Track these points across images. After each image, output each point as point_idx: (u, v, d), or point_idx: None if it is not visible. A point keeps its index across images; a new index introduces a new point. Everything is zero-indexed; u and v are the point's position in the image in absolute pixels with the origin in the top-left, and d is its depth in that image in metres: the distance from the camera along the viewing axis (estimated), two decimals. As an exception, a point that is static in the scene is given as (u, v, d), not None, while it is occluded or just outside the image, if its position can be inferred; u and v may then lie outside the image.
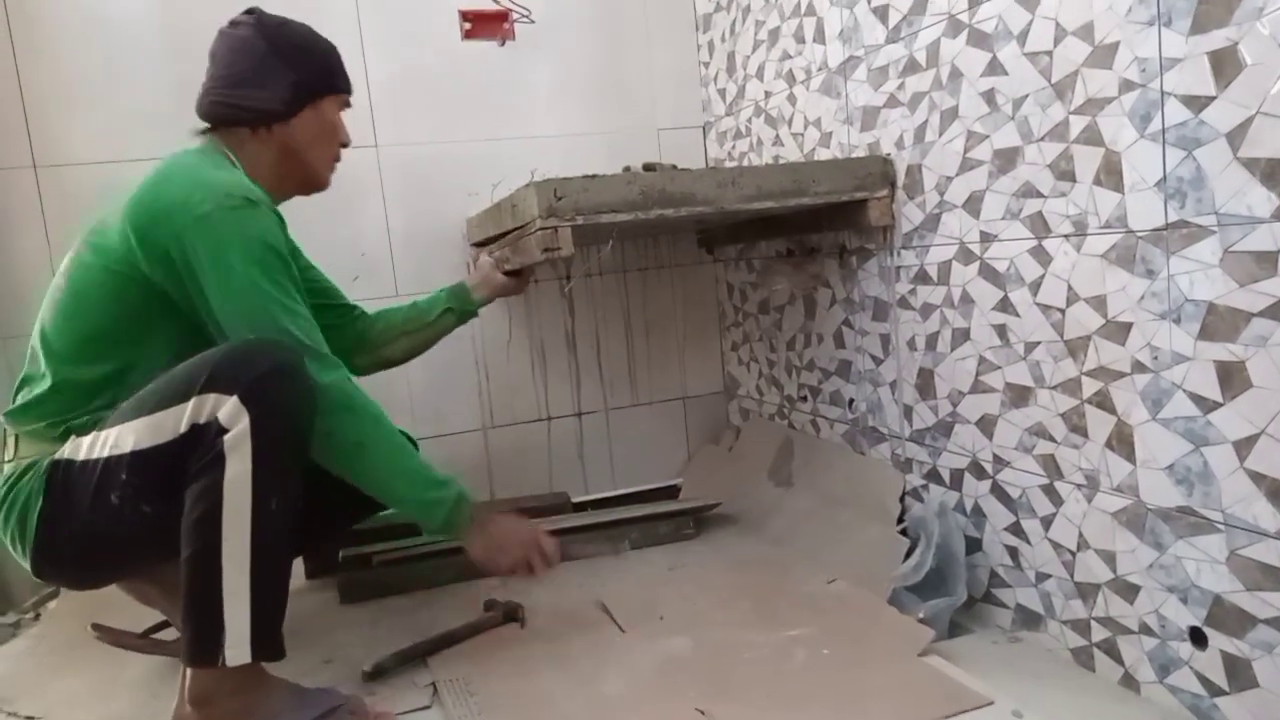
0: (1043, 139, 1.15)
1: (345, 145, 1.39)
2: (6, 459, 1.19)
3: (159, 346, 1.20)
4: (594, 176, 1.30)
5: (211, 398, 1.06)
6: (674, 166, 1.53)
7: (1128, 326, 1.06)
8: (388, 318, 1.61)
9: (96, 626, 1.34)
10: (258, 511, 1.06)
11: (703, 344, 2.21)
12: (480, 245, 1.77)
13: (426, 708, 1.21)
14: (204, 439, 1.06)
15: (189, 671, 1.09)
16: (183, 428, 1.07)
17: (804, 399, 1.84)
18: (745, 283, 2.04)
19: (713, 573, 1.60)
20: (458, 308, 1.61)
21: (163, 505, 1.08)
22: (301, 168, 1.34)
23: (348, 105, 1.39)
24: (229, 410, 1.05)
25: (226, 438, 1.05)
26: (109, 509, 1.11)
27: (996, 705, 1.08)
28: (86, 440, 1.14)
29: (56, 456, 1.14)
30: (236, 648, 1.06)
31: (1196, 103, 0.95)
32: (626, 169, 1.35)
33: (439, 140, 1.96)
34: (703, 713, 1.11)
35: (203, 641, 1.07)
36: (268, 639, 1.09)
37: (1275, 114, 0.87)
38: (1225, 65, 0.91)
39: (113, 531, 1.12)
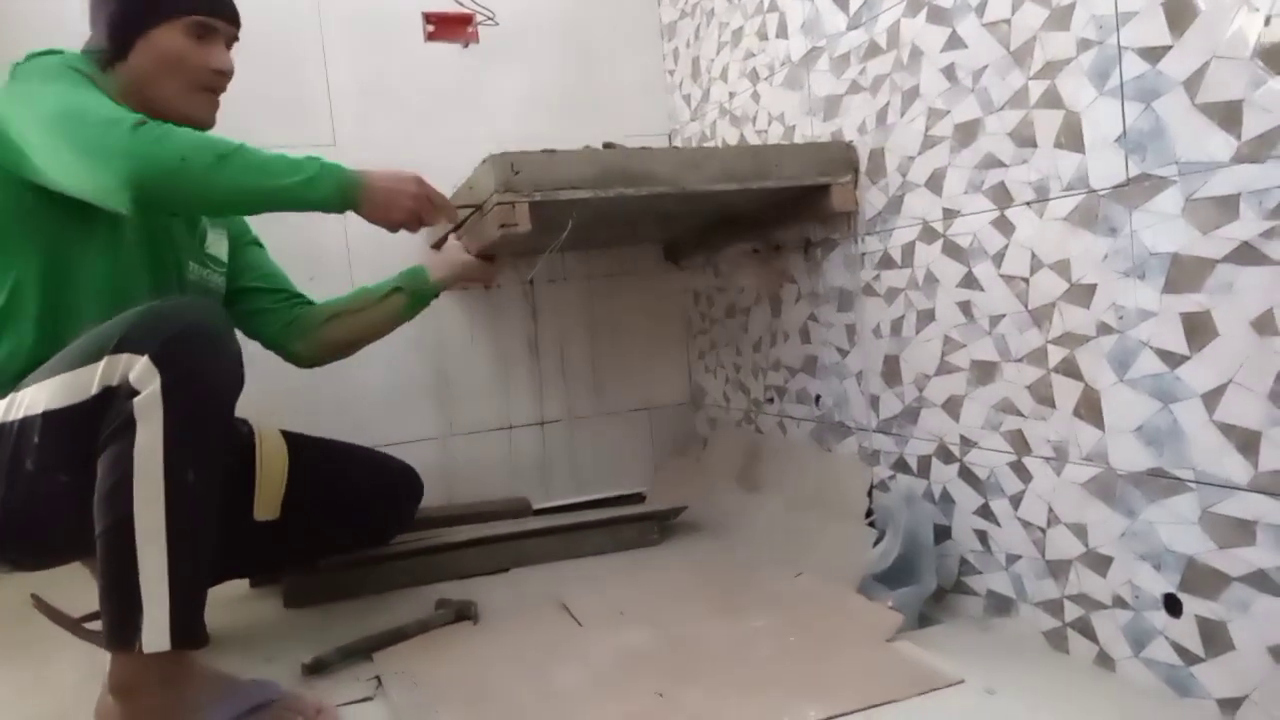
0: (1003, 108, 1.14)
1: (223, 74, 1.26)
2: None
3: (25, 249, 1.14)
4: (553, 151, 1.27)
5: (123, 358, 0.98)
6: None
7: (1092, 288, 1.04)
8: (331, 302, 1.53)
9: (36, 598, 1.26)
10: (171, 484, 0.97)
11: (669, 354, 2.17)
12: (438, 247, 1.73)
13: (369, 699, 1.15)
14: (114, 402, 0.98)
15: (111, 658, 1.02)
16: (94, 389, 0.99)
17: (770, 400, 1.81)
18: (712, 288, 2.02)
19: (677, 573, 1.55)
20: (409, 288, 1.50)
21: (80, 475, 1.00)
22: (157, 106, 1.22)
23: (212, 30, 1.25)
24: (140, 371, 0.97)
25: (136, 401, 0.96)
26: (25, 478, 1.04)
27: (967, 684, 1.04)
28: (1, 404, 1.07)
29: None
30: (154, 633, 0.97)
31: (1153, 54, 0.94)
32: (586, 147, 1.33)
33: (400, 142, 1.93)
34: (661, 696, 1.06)
35: (120, 625, 0.98)
36: (188, 625, 0.99)
37: (1230, 56, 0.86)
38: (1180, 13, 0.91)
39: (31, 504, 1.05)
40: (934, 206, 1.28)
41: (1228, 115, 0.87)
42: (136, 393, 0.97)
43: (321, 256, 1.87)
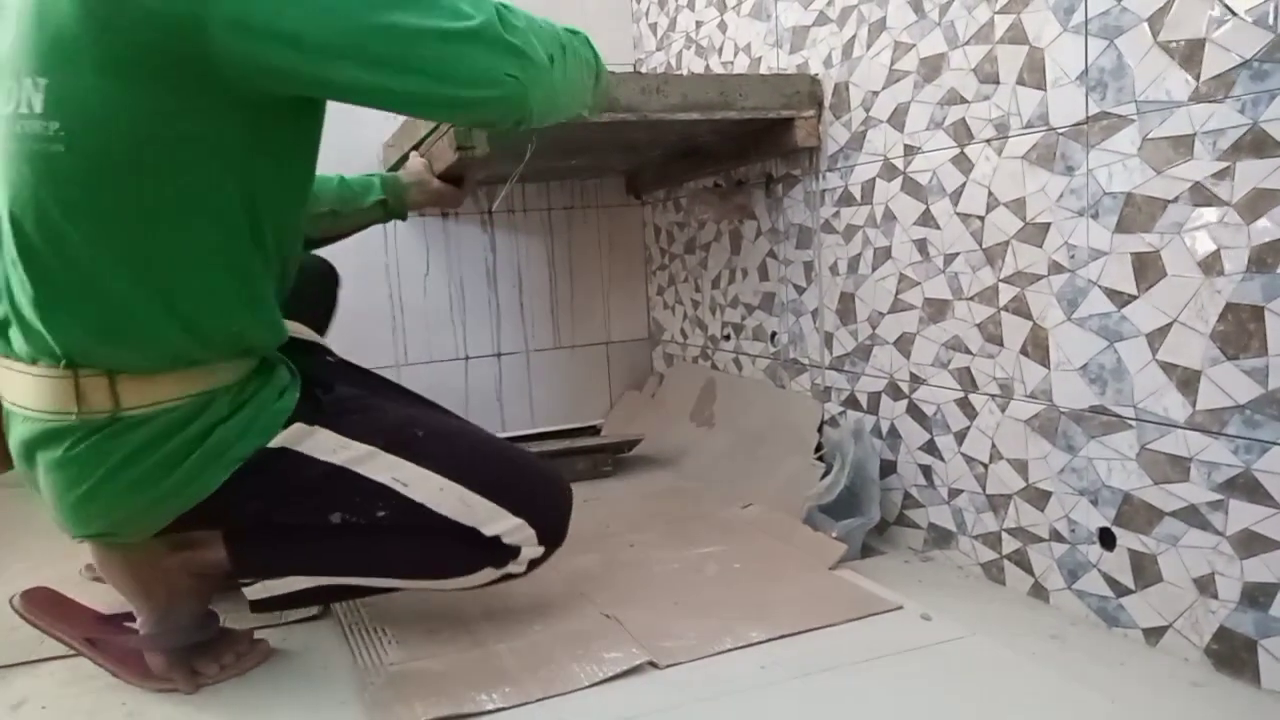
0: (968, 42, 1.13)
1: None
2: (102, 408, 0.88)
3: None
4: (511, 71, 1.24)
5: (530, 532, 0.98)
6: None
7: (1046, 227, 1.05)
8: (318, 186, 1.23)
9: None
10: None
11: (628, 289, 2.16)
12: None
13: (315, 617, 1.15)
14: (495, 552, 0.98)
15: (209, 548, 1.00)
16: (488, 531, 0.96)
17: (727, 338, 1.81)
18: (672, 223, 2.01)
19: (628, 503, 1.57)
20: (392, 203, 1.35)
21: (372, 544, 0.99)
22: None
23: None
24: (530, 553, 0.99)
25: (511, 565, 0.99)
26: (315, 519, 0.97)
27: (905, 610, 1.07)
28: (331, 438, 0.95)
29: (275, 444, 0.94)
30: (260, 592, 1.01)
31: (1120, -11, 0.94)
32: (547, 69, 1.29)
33: (357, 60, 1.87)
34: (609, 617, 1.07)
35: (255, 570, 1.00)
36: (275, 606, 1.04)
37: (1196, -8, 0.86)
38: (1149, -52, 0.90)
39: (289, 534, 0.99)
40: (896, 143, 1.27)
41: (1189, 54, 0.87)
42: (515, 557, 0.99)
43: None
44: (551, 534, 1.01)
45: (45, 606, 1.01)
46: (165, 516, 0.93)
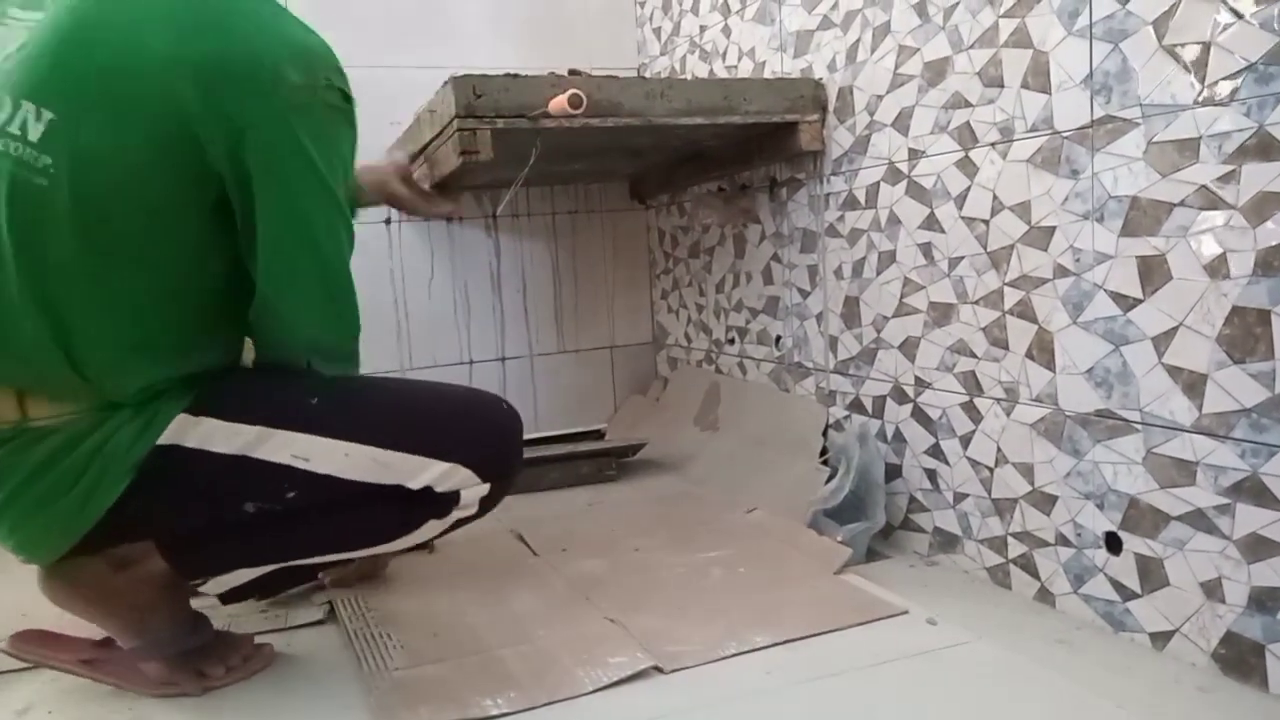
0: (972, 46, 1.13)
1: None
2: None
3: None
4: (516, 76, 1.24)
5: (465, 473, 0.92)
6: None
7: (1050, 231, 1.05)
8: None
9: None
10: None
11: (632, 293, 2.16)
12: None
13: (320, 622, 1.15)
14: (431, 504, 0.93)
15: (152, 550, 0.96)
16: (414, 485, 0.91)
17: (731, 341, 1.81)
18: (676, 227, 2.01)
19: (632, 507, 1.57)
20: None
21: (296, 529, 0.95)
22: None
23: None
24: (476, 492, 0.94)
25: (455, 512, 0.94)
26: (230, 514, 0.92)
27: (910, 615, 1.06)
28: (219, 427, 0.90)
29: (163, 441, 0.89)
30: (218, 587, 1.01)
31: (1124, -7, 0.93)
32: (551, 73, 1.29)
33: (360, 64, 1.87)
34: (613, 621, 1.07)
35: (201, 568, 0.99)
36: (243, 596, 1.04)
37: (1201, -4, 0.86)
38: (1153, -49, 0.90)
39: (215, 532, 0.96)
40: (900, 147, 1.27)
41: (1194, 57, 0.87)
42: (459, 503, 0.94)
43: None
44: (494, 467, 0.95)
45: (35, 642, 0.99)
46: (72, 534, 0.90)
